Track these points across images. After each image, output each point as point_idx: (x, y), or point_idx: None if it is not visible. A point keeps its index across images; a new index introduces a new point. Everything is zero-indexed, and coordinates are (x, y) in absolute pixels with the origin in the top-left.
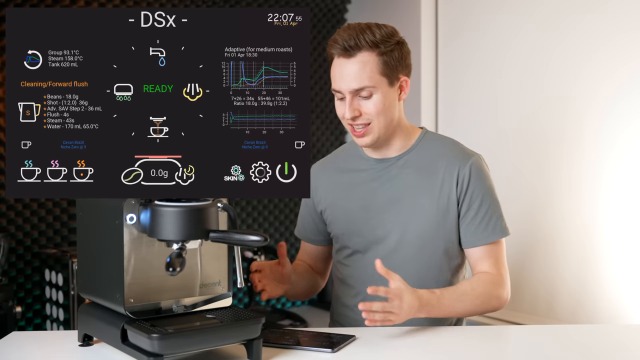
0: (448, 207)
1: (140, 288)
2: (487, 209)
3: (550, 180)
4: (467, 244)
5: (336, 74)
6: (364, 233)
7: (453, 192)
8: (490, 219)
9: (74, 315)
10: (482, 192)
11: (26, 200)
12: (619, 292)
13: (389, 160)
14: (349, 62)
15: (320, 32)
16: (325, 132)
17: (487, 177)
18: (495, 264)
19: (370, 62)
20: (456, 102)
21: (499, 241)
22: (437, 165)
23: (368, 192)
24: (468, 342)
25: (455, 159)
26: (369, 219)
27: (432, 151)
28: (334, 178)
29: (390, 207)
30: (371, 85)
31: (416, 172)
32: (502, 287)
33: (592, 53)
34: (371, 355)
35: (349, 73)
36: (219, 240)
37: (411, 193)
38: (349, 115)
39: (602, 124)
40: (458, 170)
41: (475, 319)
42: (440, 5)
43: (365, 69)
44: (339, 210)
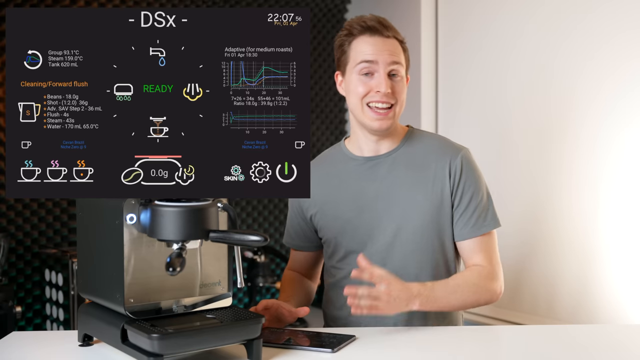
0: (442, 201)
1: (140, 288)
2: (479, 202)
3: (550, 181)
4: (458, 237)
5: (370, 47)
6: (358, 232)
7: (446, 185)
8: (481, 212)
9: (74, 315)
10: (473, 184)
11: (26, 200)
12: (619, 292)
13: (379, 158)
14: (387, 41)
15: (320, 32)
16: (325, 132)
17: (477, 169)
18: (488, 257)
19: (399, 47)
20: (456, 103)
21: (490, 233)
22: (427, 160)
23: (359, 191)
24: (468, 342)
25: (445, 153)
26: (362, 218)
27: (421, 147)
28: (322, 181)
29: (383, 204)
30: (402, 63)
31: (407, 169)
32: (495, 280)
33: (593, 52)
34: (371, 355)
35: (388, 49)
36: (219, 240)
37: (404, 189)
38: (384, 88)
39: (602, 125)
40: (449, 163)
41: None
42: (440, 5)
43: (398, 50)
44: (330, 212)
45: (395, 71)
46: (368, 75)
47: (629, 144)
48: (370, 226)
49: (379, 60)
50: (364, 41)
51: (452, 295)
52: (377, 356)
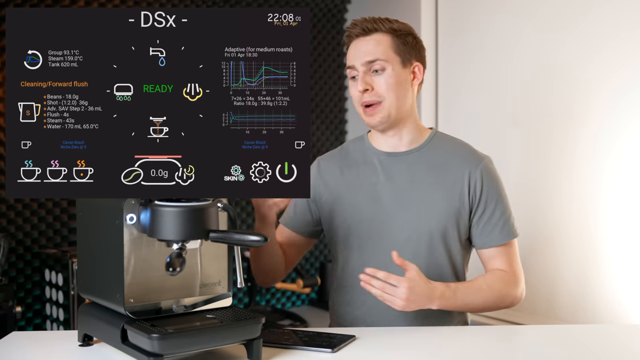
0: (459, 207)
1: (140, 288)
2: (502, 212)
3: (550, 180)
4: (480, 246)
5: (351, 53)
6: (372, 226)
7: (465, 194)
8: (505, 222)
9: (74, 315)
10: (495, 195)
11: (26, 200)
12: (619, 292)
13: (399, 155)
14: (365, 40)
15: (320, 32)
16: (325, 132)
17: (498, 179)
18: (509, 262)
19: (385, 40)
20: (456, 102)
21: (512, 241)
22: (448, 164)
23: (377, 185)
24: (468, 342)
25: (466, 160)
26: (377, 213)
27: (444, 150)
28: (341, 172)
29: (400, 201)
30: (383, 58)
31: (428, 169)
32: (516, 285)
33: (593, 51)
34: (371, 355)
35: (364, 49)
36: (219, 240)
37: (422, 189)
38: (361, 87)
39: (602, 125)
40: (469, 174)
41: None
42: (440, 5)
43: (380, 45)
44: (345, 203)
45: (378, 66)
46: (355, 78)
47: (630, 143)
48: (384, 222)
49: (356, 63)
50: (352, 46)
51: (473, 297)
52: (377, 356)
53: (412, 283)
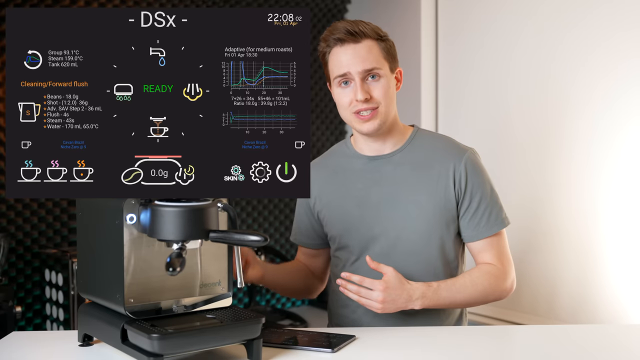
0: (445, 203)
1: (140, 288)
2: (487, 203)
3: (550, 180)
4: (469, 239)
5: (342, 59)
6: (361, 231)
7: (450, 188)
8: (490, 213)
9: (74, 315)
10: (480, 187)
11: (26, 200)
12: (619, 292)
13: (383, 157)
14: (357, 47)
15: (320, 32)
16: (325, 132)
17: (483, 170)
18: (498, 255)
19: (375, 47)
20: (456, 102)
21: (500, 232)
22: (431, 160)
23: (363, 190)
24: (468, 342)
25: (449, 154)
26: (365, 217)
27: (426, 147)
28: (328, 178)
29: (387, 204)
30: (379, 67)
31: (412, 169)
32: (505, 279)
33: (592, 51)
34: (371, 355)
35: (359, 55)
36: (219, 240)
37: (408, 189)
38: (361, 96)
39: (600, 123)
40: (453, 168)
41: (476, 319)
42: (440, 5)
43: (373, 52)
44: (334, 210)
45: (374, 73)
46: (347, 84)
47: (628, 142)
48: (373, 226)
49: (351, 70)
50: (336, 53)
51: (457, 294)
52: (377, 356)
53: (386, 285)
